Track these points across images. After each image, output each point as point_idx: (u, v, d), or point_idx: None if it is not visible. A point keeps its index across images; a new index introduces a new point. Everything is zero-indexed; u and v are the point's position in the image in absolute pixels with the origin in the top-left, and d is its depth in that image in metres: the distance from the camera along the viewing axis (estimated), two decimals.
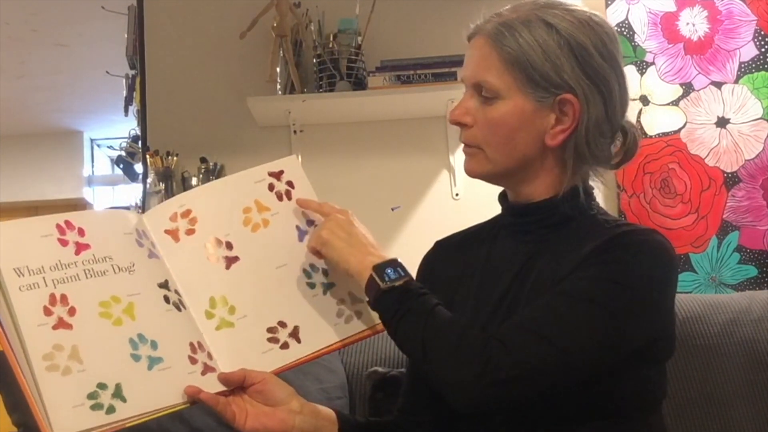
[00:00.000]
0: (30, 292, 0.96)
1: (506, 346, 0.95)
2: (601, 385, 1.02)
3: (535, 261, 1.11)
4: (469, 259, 1.20)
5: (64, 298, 0.98)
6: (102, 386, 0.95)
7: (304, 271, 1.13)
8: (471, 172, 1.15)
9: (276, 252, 1.13)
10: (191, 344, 1.04)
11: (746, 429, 1.57)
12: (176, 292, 1.06)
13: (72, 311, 0.97)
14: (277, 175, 1.18)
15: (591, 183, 1.17)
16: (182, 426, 1.32)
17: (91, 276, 1.01)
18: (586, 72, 1.06)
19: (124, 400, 0.95)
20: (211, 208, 1.12)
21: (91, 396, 0.94)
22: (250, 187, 1.15)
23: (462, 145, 1.16)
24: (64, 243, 1.01)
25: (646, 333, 1.02)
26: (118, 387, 0.95)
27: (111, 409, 0.94)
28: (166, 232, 1.09)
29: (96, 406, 0.93)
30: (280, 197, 1.16)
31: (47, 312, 0.96)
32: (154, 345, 1.00)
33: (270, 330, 1.09)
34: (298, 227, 1.16)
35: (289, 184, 1.18)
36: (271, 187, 1.16)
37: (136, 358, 0.99)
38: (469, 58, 1.13)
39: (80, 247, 1.02)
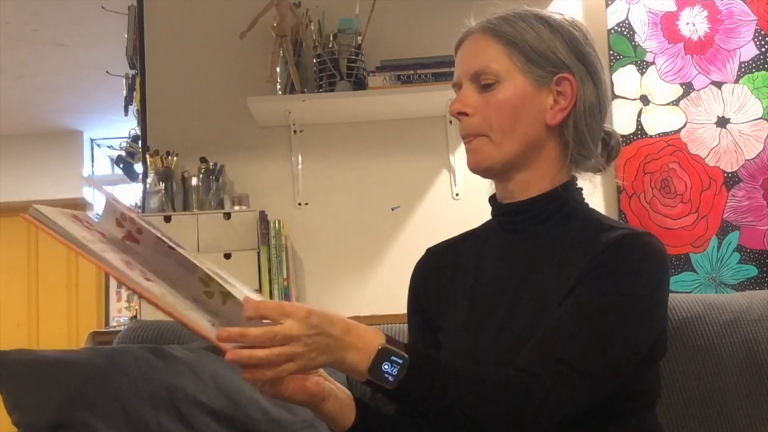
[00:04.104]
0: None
1: (544, 387, 0.97)
2: None
3: (534, 263, 1.12)
4: (461, 261, 1.21)
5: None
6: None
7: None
8: (477, 165, 1.14)
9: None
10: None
11: (746, 429, 1.56)
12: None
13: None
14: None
15: (589, 183, 1.19)
16: (182, 425, 1.31)
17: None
18: (577, 56, 1.13)
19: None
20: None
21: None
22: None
23: (462, 145, 1.16)
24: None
25: (652, 337, 1.06)
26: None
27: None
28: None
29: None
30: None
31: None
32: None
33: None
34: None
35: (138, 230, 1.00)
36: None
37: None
38: (463, 56, 1.16)
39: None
